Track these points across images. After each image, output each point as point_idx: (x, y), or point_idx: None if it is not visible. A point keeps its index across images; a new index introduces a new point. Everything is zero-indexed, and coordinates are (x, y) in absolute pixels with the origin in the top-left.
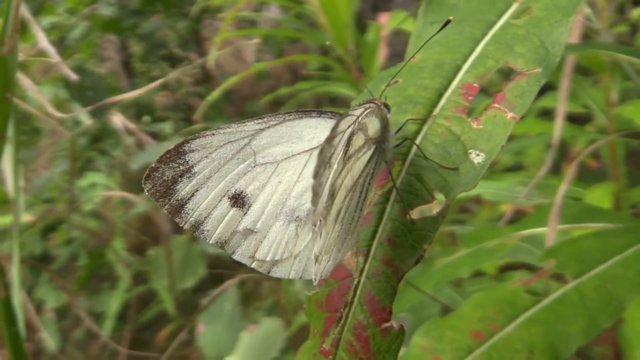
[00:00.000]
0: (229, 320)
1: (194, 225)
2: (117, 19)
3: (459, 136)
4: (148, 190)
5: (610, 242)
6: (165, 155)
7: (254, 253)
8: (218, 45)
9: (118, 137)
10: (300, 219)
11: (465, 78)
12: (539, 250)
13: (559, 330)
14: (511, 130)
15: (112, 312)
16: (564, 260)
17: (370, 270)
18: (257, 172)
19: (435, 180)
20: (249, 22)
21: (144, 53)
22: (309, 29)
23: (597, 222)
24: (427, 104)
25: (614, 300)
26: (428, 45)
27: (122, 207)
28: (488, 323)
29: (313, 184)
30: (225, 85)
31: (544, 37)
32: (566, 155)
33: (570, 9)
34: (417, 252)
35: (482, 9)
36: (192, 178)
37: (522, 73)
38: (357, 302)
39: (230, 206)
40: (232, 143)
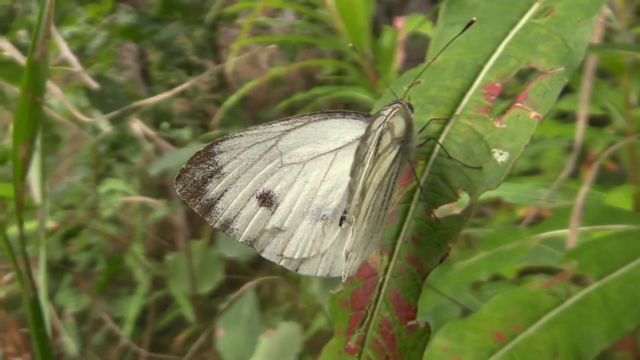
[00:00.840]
0: (247, 325)
1: (223, 225)
2: (136, 26)
3: (482, 135)
4: (179, 191)
5: (632, 244)
6: (195, 157)
7: (282, 251)
8: (236, 51)
9: (138, 144)
10: (327, 218)
11: (488, 78)
12: (560, 252)
13: (582, 332)
14: (535, 129)
15: (130, 317)
16: (586, 261)
17: (395, 269)
18: (284, 172)
19: (459, 179)
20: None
21: (162, 61)
22: (325, 34)
23: (618, 224)
24: (449, 104)
25: (638, 302)
26: (449, 46)
27: (141, 212)
28: (509, 324)
29: (349, 181)
30: (242, 91)
31: (567, 37)
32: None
33: (592, 8)
34: (441, 251)
35: (503, 9)
36: (222, 178)
37: (544, 72)
38: (383, 300)
39: (258, 205)
40: (259, 144)
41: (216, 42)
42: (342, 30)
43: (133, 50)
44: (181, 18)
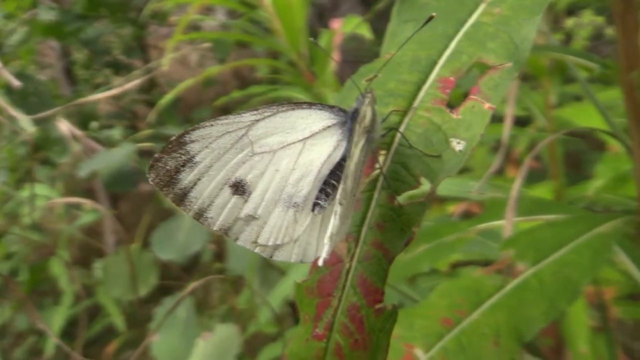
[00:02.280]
0: (183, 328)
1: (197, 213)
2: (59, 24)
3: (440, 126)
4: (152, 180)
5: (563, 231)
6: (167, 146)
7: (257, 238)
8: (171, 49)
9: (64, 145)
10: (298, 205)
11: (442, 72)
12: (494, 243)
13: (522, 314)
14: (489, 119)
15: (55, 329)
16: (522, 249)
17: (361, 255)
18: (255, 160)
19: (420, 167)
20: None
21: (87, 60)
22: (261, 34)
23: (548, 214)
24: (407, 96)
25: (571, 284)
26: (401, 43)
27: (66, 218)
28: (455, 310)
29: (347, 164)
30: (176, 90)
31: (513, 34)
32: (509, 156)
33: (535, 8)
34: (406, 235)
35: (452, 8)
36: (194, 167)
37: (494, 67)
38: (350, 285)
39: (231, 194)
40: (230, 133)
41: (145, 40)
42: (278, 30)
43: (55, 47)
44: (108, 15)
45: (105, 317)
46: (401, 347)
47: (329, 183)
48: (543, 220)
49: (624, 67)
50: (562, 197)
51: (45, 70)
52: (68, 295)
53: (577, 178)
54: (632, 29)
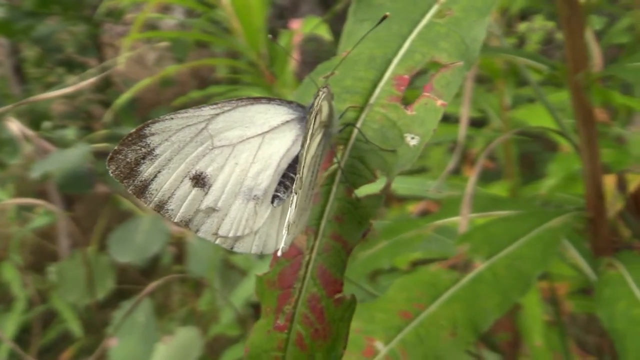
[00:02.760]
0: (142, 333)
1: (158, 205)
2: (8, 21)
3: (395, 122)
4: (112, 172)
5: (516, 226)
6: (126, 138)
7: (217, 230)
8: (128, 48)
9: (15, 145)
10: (258, 198)
11: (397, 70)
12: (452, 239)
13: (477, 306)
14: (441, 115)
15: (8, 336)
16: (477, 243)
17: (320, 247)
18: (215, 154)
19: (377, 162)
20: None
21: (39, 58)
22: (220, 33)
23: (502, 210)
24: (363, 93)
25: (523, 277)
26: (358, 41)
27: (17, 221)
28: (414, 303)
29: (300, 153)
30: (133, 89)
31: (464, 35)
32: (465, 157)
33: (485, 10)
34: (363, 227)
35: (406, 9)
36: (154, 160)
37: (446, 66)
38: (310, 276)
39: (192, 186)
40: (190, 127)
41: (99, 39)
42: (238, 30)
43: (4, 44)
44: (60, 13)
45: (61, 322)
46: (362, 341)
47: (288, 176)
48: (497, 216)
49: (571, 69)
50: (516, 195)
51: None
52: (21, 301)
53: (531, 177)
54: (577, 32)
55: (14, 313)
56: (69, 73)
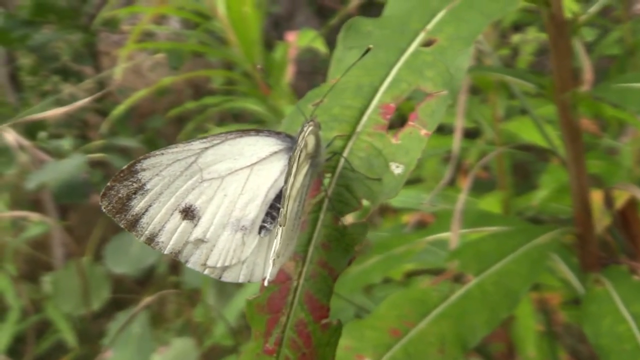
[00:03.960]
0: (138, 344)
1: (149, 238)
2: (4, 29)
3: (381, 150)
4: (105, 208)
5: (504, 243)
6: (119, 175)
7: (206, 261)
8: (124, 58)
9: (10, 155)
10: (246, 228)
11: (383, 99)
12: (444, 252)
13: (465, 323)
14: (425, 145)
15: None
16: (466, 260)
17: (308, 273)
18: (205, 187)
19: (362, 190)
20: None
21: (34, 66)
22: (215, 44)
23: (492, 226)
24: (351, 122)
25: (511, 293)
26: (347, 68)
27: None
28: (403, 321)
29: (282, 189)
30: (130, 100)
31: (449, 64)
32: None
33: (469, 39)
34: (349, 254)
35: (394, 37)
36: (145, 194)
37: (431, 95)
38: (298, 302)
39: (181, 219)
40: (180, 161)
41: (95, 47)
42: (233, 41)
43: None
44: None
45: (55, 332)
46: (352, 358)
47: (275, 207)
48: (487, 232)
49: (558, 88)
50: (510, 206)
51: None
52: (15, 311)
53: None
54: (564, 53)
55: (8, 323)
56: (65, 81)
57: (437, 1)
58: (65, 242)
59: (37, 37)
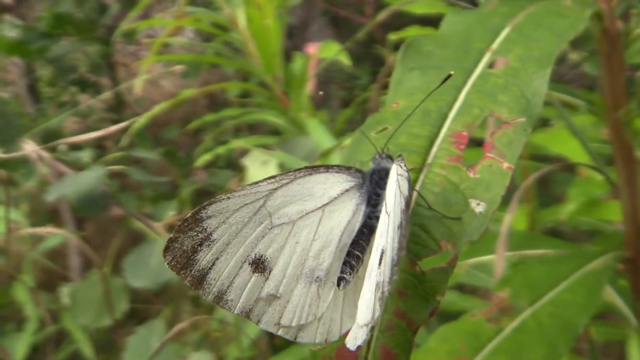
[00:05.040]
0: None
1: (217, 296)
2: (24, 41)
3: (458, 185)
4: (169, 263)
5: (556, 269)
6: (183, 224)
7: (279, 319)
8: (145, 70)
9: (30, 167)
10: (320, 279)
11: (454, 126)
12: (488, 276)
13: (523, 359)
14: (509, 180)
15: (19, 357)
16: (518, 288)
17: (383, 324)
18: (275, 233)
19: (441, 230)
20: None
21: (53, 77)
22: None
23: (537, 249)
24: (420, 152)
25: (569, 326)
26: (409, 91)
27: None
28: (457, 356)
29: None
30: (152, 112)
31: (524, 88)
32: None
33: (544, 61)
34: (430, 304)
35: (457, 57)
36: (212, 246)
37: (507, 122)
38: (372, 357)
39: (251, 272)
40: (247, 205)
41: (112, 58)
42: (253, 52)
43: (19, 64)
44: (74, 33)
45: (72, 343)
46: None
47: (353, 254)
48: (532, 255)
49: (610, 106)
50: (535, 220)
51: (7, 87)
52: (32, 321)
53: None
54: (617, 69)
55: (26, 333)
56: (82, 92)
57: (498, 18)
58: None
59: (56, 49)
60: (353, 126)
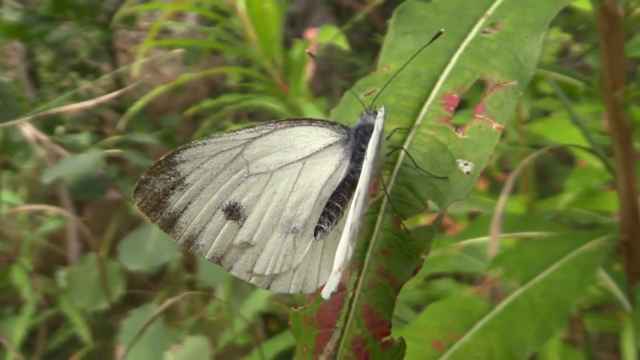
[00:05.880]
0: (151, 341)
1: (188, 240)
2: (24, 25)
3: (446, 146)
4: (139, 204)
5: (550, 249)
6: (155, 167)
7: (252, 267)
8: (143, 55)
9: (28, 149)
10: (298, 231)
11: (444, 88)
12: (475, 258)
13: (514, 336)
14: (497, 140)
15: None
16: (511, 267)
17: (365, 283)
18: (251, 182)
19: (427, 190)
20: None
21: (53, 62)
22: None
23: (533, 231)
24: (409, 113)
25: (561, 305)
26: (401, 55)
27: (29, 225)
28: (447, 332)
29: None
30: (148, 97)
31: (517, 52)
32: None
33: (538, 26)
34: (414, 263)
35: (451, 22)
36: (185, 190)
37: (499, 85)
38: (354, 316)
39: (225, 219)
40: (224, 152)
41: (112, 44)
42: (253, 38)
43: (19, 48)
44: (75, 18)
45: (69, 327)
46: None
47: (333, 206)
48: (526, 237)
49: (608, 86)
50: (533, 210)
51: (7, 71)
52: (30, 305)
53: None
54: (616, 48)
55: (23, 317)
56: (82, 78)
57: None
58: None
59: (56, 34)
60: None
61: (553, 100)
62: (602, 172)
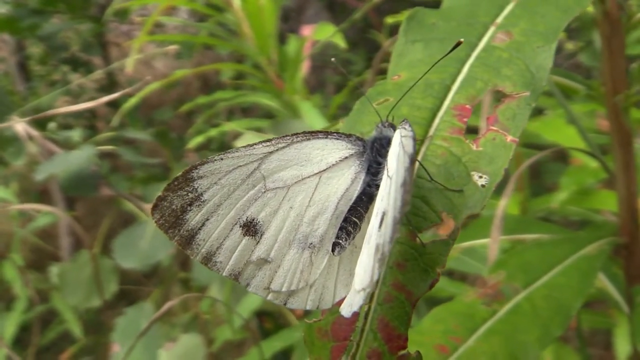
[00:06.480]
0: (145, 338)
1: (205, 257)
2: (14, 18)
3: (460, 158)
4: (157, 221)
5: (550, 253)
6: (172, 183)
7: (269, 284)
8: (137, 50)
9: (20, 145)
10: (314, 246)
11: (457, 99)
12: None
13: (517, 340)
14: (512, 153)
15: (8, 336)
16: (512, 271)
17: (381, 296)
18: (268, 197)
19: (442, 202)
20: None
21: (44, 55)
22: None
23: (532, 233)
24: (422, 124)
25: (563, 308)
26: (411, 64)
27: (20, 220)
28: (450, 336)
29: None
30: (143, 92)
31: (528, 62)
32: None
33: (549, 36)
34: (430, 276)
35: (461, 30)
36: (202, 206)
37: (511, 96)
38: (370, 329)
39: (242, 235)
40: (241, 168)
41: (104, 37)
42: (247, 33)
43: (9, 41)
44: (66, 11)
45: (61, 323)
46: None
47: (350, 220)
48: (526, 239)
49: (609, 90)
50: (527, 208)
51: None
52: (22, 301)
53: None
54: (618, 52)
55: (15, 312)
56: (74, 71)
57: None
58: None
59: (47, 27)
60: (346, 111)
61: (547, 98)
62: (597, 171)
